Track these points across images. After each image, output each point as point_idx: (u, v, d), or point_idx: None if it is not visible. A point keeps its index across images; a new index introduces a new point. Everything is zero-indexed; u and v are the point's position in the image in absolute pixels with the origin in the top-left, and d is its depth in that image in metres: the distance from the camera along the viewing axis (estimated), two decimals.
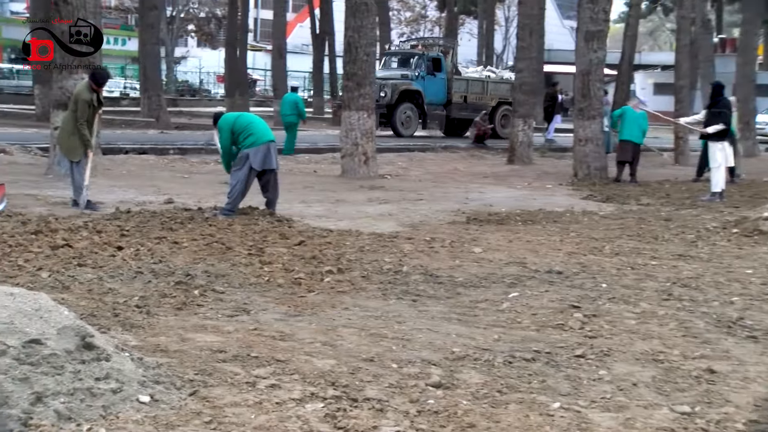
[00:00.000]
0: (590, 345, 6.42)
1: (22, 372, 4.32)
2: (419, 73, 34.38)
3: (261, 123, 12.73)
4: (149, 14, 35.97)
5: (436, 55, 35.59)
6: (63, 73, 16.49)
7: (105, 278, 8.09)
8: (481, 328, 6.96)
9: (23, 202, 13.07)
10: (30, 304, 4.76)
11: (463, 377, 5.57)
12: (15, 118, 35.51)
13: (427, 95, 34.33)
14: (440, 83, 35.06)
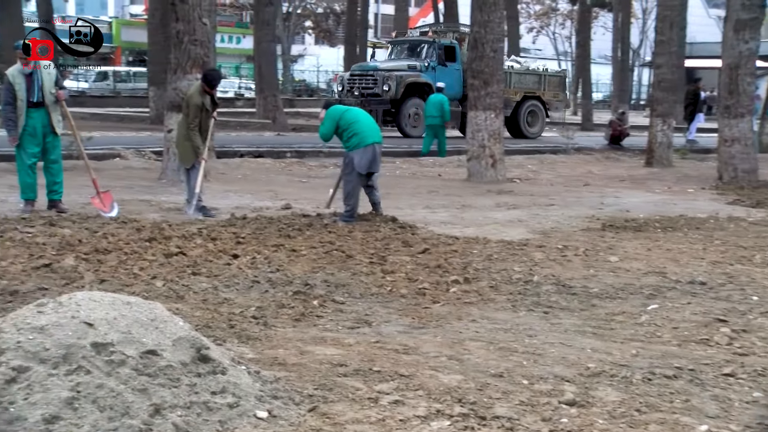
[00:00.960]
0: (740, 363, 6.25)
1: (140, 383, 4.44)
2: (429, 64, 32.16)
3: (368, 122, 12.82)
4: (265, 11, 36.50)
5: (450, 42, 33.02)
6: (177, 73, 16.87)
7: (220, 288, 8.25)
8: (617, 342, 6.86)
9: (137, 207, 13.42)
10: (146, 313, 4.88)
11: (598, 395, 5.49)
12: (130, 121, 36.51)
13: None
14: (454, 75, 32.40)
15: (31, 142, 12.63)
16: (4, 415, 4.18)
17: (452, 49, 32.69)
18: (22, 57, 12.41)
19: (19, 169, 12.73)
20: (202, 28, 16.69)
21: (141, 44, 53.61)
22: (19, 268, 8.71)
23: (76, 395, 4.31)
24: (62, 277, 8.44)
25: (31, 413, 4.19)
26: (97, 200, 12.71)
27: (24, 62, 12.41)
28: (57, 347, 4.49)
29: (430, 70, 31.88)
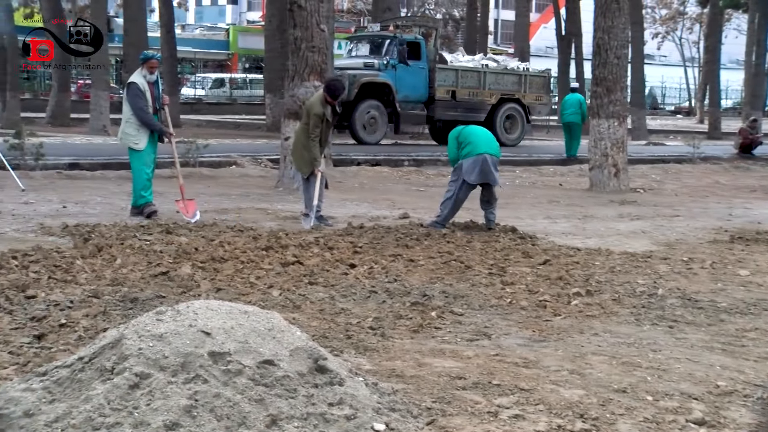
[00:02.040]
0: None
1: (257, 393, 4.49)
2: (389, 62, 29.53)
3: (483, 133, 12.81)
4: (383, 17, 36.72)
5: (414, 38, 30.41)
6: (294, 80, 17.07)
7: (337, 297, 8.31)
8: (750, 360, 6.69)
9: (254, 216, 13.62)
10: (263, 323, 4.94)
11: (730, 415, 5.36)
12: (246, 128, 37.12)
13: (400, 89, 29.52)
14: (418, 74, 30.13)
15: (152, 147, 13.19)
16: (129, 419, 4.28)
17: (417, 45, 30.33)
18: (151, 66, 13.09)
19: (138, 174, 13.07)
20: (320, 34, 16.86)
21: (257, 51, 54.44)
22: (138, 275, 8.91)
23: (194, 403, 4.38)
24: (179, 285, 8.60)
25: (154, 419, 4.27)
26: (181, 204, 13.08)
27: (150, 69, 12.99)
28: (175, 355, 4.57)
29: (389, 69, 29.51)
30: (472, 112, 30.01)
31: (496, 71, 32.22)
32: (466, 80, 31.26)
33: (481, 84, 31.50)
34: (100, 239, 10.77)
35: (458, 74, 31.24)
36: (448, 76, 31.11)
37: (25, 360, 6.10)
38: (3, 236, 11.29)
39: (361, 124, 28.86)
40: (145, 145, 13.05)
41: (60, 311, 7.41)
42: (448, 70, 31.30)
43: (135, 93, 12.96)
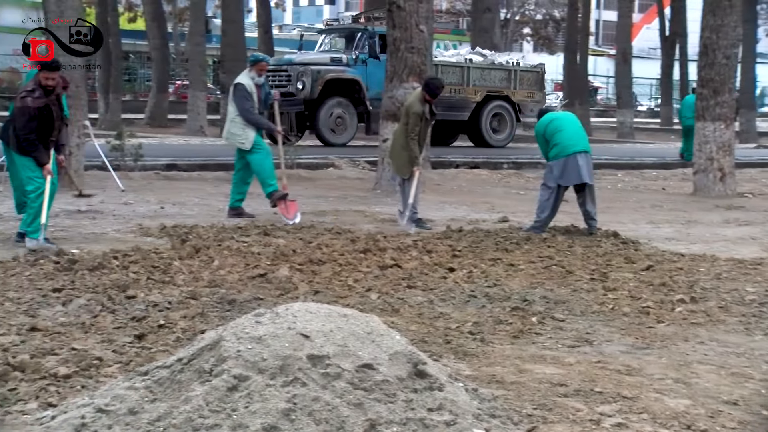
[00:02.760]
0: None
1: (356, 397, 4.51)
2: (358, 56, 27.37)
3: (573, 129, 12.60)
4: (483, 17, 36.60)
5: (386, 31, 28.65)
6: (393, 81, 17.10)
7: (436, 302, 8.30)
8: None
9: (352, 218, 13.68)
10: (362, 326, 4.95)
11: None
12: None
13: (371, 86, 26.85)
14: None
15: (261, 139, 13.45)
16: (227, 421, 4.34)
17: None
18: (260, 69, 13.37)
19: (260, 165, 13.26)
20: (420, 35, 16.87)
21: None
22: (236, 277, 9.02)
23: (292, 407, 4.41)
24: (277, 287, 8.68)
25: (252, 421, 4.32)
26: (282, 205, 13.15)
27: (259, 72, 13.30)
28: (274, 358, 4.61)
29: (359, 64, 27.35)
30: (454, 111, 27.92)
31: (482, 66, 29.65)
32: (446, 76, 28.02)
33: (464, 80, 29.17)
34: (198, 240, 10.93)
35: (438, 70, 27.91)
36: None
37: (127, 359, 6.23)
38: (104, 236, 11.54)
39: (327, 125, 26.98)
40: (253, 140, 13.21)
41: (159, 312, 7.56)
42: None
43: (242, 94, 13.15)
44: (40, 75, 10.60)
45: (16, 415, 4.95)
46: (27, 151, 10.54)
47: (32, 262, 9.35)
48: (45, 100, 10.49)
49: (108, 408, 4.61)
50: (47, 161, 10.59)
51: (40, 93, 10.51)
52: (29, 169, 10.64)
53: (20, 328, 6.90)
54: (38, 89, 10.55)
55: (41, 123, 10.48)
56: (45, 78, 10.53)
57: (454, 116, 27.63)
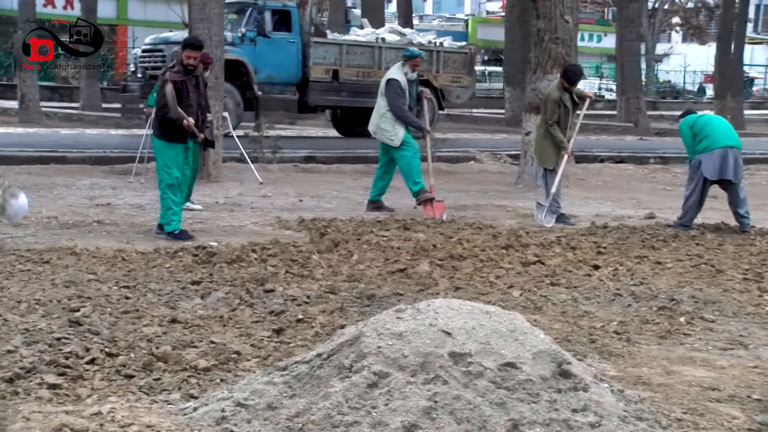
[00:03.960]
0: None
1: (498, 396, 4.49)
2: (245, 34, 24.84)
3: (721, 125, 12.36)
4: (629, 7, 36.07)
5: (283, 5, 25.75)
6: (536, 73, 16.97)
7: (580, 300, 8.21)
8: None
9: (493, 213, 13.63)
10: (505, 324, 4.93)
11: None
12: (486, 123, 37.20)
13: (261, 68, 24.84)
14: (287, 50, 25.45)
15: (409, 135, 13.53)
16: (367, 418, 4.36)
17: (286, 14, 25.72)
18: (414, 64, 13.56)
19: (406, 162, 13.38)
20: (564, 25, 16.70)
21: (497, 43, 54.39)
22: (376, 271, 9.07)
23: (433, 405, 4.41)
24: (417, 282, 8.71)
25: (392, 419, 4.33)
26: (429, 207, 13.11)
27: (412, 67, 13.50)
28: (415, 355, 4.62)
29: (246, 43, 24.83)
30: (363, 97, 24.97)
31: (397, 46, 26.29)
32: (354, 57, 26.52)
33: (375, 62, 26.59)
34: (337, 234, 11.02)
35: (343, 50, 26.47)
36: (328, 53, 26.31)
37: (265, 353, 6.33)
38: (243, 229, 11.74)
39: None
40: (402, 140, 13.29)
41: (297, 306, 7.65)
42: (329, 45, 26.46)
43: (395, 90, 13.23)
44: (183, 53, 10.87)
45: (161, 404, 5.08)
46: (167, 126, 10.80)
47: (172, 254, 9.59)
48: (183, 77, 10.76)
49: (247, 402, 4.69)
50: (191, 122, 10.81)
51: (180, 69, 10.80)
52: (162, 159, 10.91)
53: (162, 319, 7.07)
54: (178, 65, 10.84)
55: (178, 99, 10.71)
56: (187, 56, 10.81)
57: (362, 103, 24.87)
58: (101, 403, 5.06)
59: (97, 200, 13.78)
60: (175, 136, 10.82)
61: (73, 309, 7.20)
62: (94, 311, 7.16)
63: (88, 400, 5.27)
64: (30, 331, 6.51)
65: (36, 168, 16.91)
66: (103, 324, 6.81)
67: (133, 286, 8.17)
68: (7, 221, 8.98)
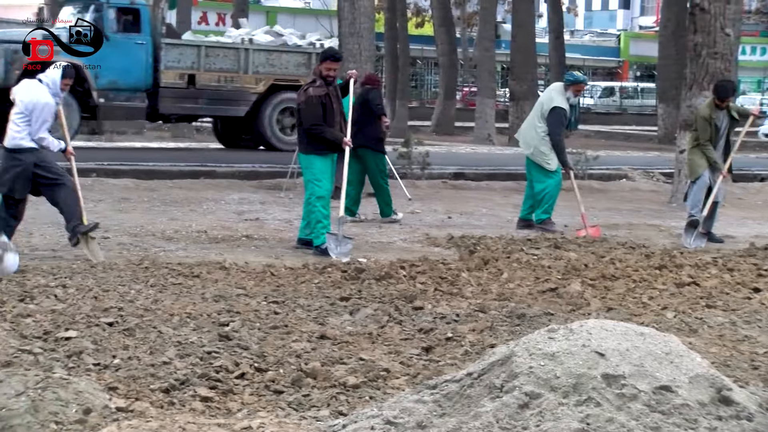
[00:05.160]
0: None
1: (653, 420, 4.42)
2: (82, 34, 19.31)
3: None
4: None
5: (130, 3, 23.26)
6: (692, 89, 16.68)
7: (739, 323, 8.02)
8: None
9: (646, 233, 13.45)
10: (660, 346, 4.85)
11: None
12: (637, 140, 36.75)
13: (102, 73, 22.48)
14: (134, 52, 23.06)
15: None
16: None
17: (134, 12, 23.35)
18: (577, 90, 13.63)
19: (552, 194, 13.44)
20: (724, 39, 16.37)
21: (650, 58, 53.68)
22: (526, 290, 9.05)
23: (585, 427, 4.37)
24: (568, 302, 8.65)
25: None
26: (583, 233, 12.98)
27: (575, 92, 13.51)
28: (567, 376, 4.59)
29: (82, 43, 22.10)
30: (224, 105, 23.78)
31: (268, 49, 24.89)
32: (214, 61, 24.29)
33: (241, 66, 24.45)
34: (486, 252, 11.00)
35: (201, 53, 24.21)
36: (184, 56, 24.05)
37: (414, 371, 6.37)
38: (391, 245, 11.83)
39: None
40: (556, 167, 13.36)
41: (446, 324, 7.67)
42: (185, 46, 24.35)
43: (559, 119, 13.27)
44: (323, 65, 11.06)
45: (310, 420, 5.16)
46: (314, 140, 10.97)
47: (321, 270, 9.72)
48: (326, 90, 10.93)
49: (396, 420, 4.71)
50: (341, 136, 10.99)
51: (321, 83, 10.97)
52: (311, 172, 11.08)
53: (311, 335, 7.19)
54: (319, 79, 11.01)
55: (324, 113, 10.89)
56: (327, 68, 10.98)
57: (224, 111, 24.18)
58: (251, 417, 5.17)
59: (245, 215, 14.09)
60: (323, 148, 11.00)
61: (223, 323, 7.37)
62: (243, 326, 7.31)
63: (238, 414, 5.40)
64: (182, 344, 6.70)
65: (186, 182, 17.36)
66: (252, 339, 6.95)
67: (281, 301, 8.32)
68: None
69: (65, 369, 6.00)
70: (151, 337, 6.87)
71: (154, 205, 14.77)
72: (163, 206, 14.70)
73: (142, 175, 17.60)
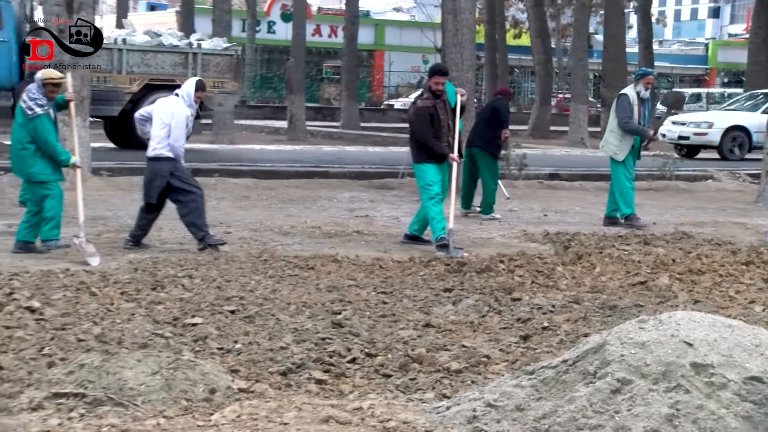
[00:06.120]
0: None
1: (744, 409, 4.33)
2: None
3: None
4: None
5: None
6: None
7: None
8: None
9: (731, 230, 13.15)
10: (749, 338, 4.75)
11: None
12: None
13: None
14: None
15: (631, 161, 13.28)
16: (610, 422, 4.31)
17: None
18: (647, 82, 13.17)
19: (621, 184, 13.22)
20: None
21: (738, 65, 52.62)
22: (617, 284, 8.93)
23: (675, 413, 4.31)
24: (657, 295, 8.51)
25: (635, 424, 4.26)
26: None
27: (645, 85, 13.11)
28: (657, 364, 4.52)
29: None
30: (98, 104, 20.77)
31: (142, 48, 22.90)
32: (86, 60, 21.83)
33: (114, 65, 22.39)
34: (580, 247, 10.89)
35: None
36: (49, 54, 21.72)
37: (513, 358, 6.34)
38: (491, 241, 11.79)
39: None
40: (625, 156, 13.08)
41: (542, 315, 7.61)
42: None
43: (624, 104, 13.04)
44: (431, 80, 11.02)
45: (416, 402, 5.17)
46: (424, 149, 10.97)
47: (426, 263, 9.71)
48: (433, 102, 10.89)
49: (496, 403, 4.70)
50: (447, 151, 10.97)
51: (429, 96, 10.94)
52: (422, 177, 11.07)
53: (416, 323, 7.19)
54: (427, 92, 10.99)
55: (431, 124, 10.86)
56: (435, 83, 10.93)
57: (99, 111, 21.63)
58: (362, 399, 5.20)
59: (356, 212, 14.15)
60: (432, 156, 10.99)
61: (336, 312, 7.41)
62: (354, 314, 7.35)
63: (350, 395, 5.43)
64: (298, 331, 6.76)
65: (301, 182, 17.48)
66: (362, 326, 6.98)
67: (389, 291, 8.34)
68: None
69: (192, 352, 6.10)
70: (269, 324, 6.94)
71: (272, 203, 14.90)
72: (280, 204, 14.82)
73: (261, 175, 17.75)
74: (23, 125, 9.78)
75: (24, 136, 9.79)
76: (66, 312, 7.06)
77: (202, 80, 11.01)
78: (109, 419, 4.67)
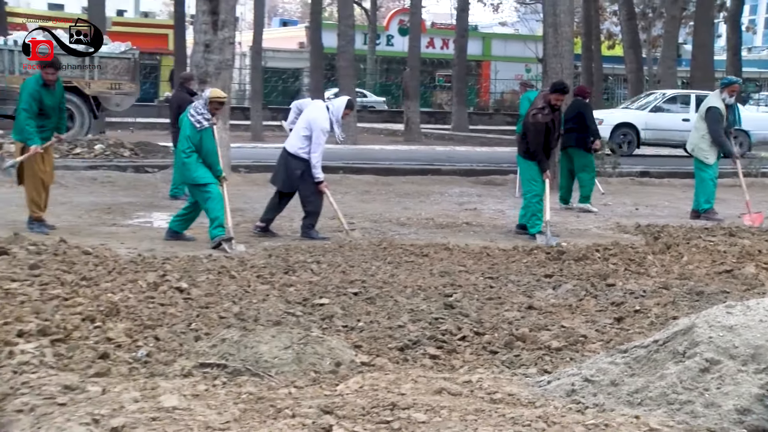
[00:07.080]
0: None
1: None
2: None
3: None
4: None
5: None
6: None
7: None
8: None
9: None
10: None
11: None
12: None
13: None
14: None
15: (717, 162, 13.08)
16: (700, 399, 4.20)
17: None
18: (732, 90, 12.88)
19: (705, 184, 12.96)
20: None
21: None
22: (703, 272, 8.69)
23: (765, 393, 4.17)
24: (743, 282, 8.26)
25: (724, 402, 4.15)
26: (747, 217, 12.45)
27: (731, 93, 12.85)
28: (745, 346, 4.39)
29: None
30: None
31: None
32: None
33: (6, 66, 21.27)
34: (669, 238, 10.65)
35: None
36: None
37: (608, 338, 6.24)
38: (587, 232, 11.62)
39: None
40: (715, 161, 12.80)
41: (635, 299, 7.46)
42: None
43: (715, 117, 12.76)
44: (552, 96, 10.90)
45: (520, 377, 5.13)
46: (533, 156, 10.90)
47: (528, 252, 9.62)
48: (551, 116, 10.83)
49: (593, 378, 4.63)
50: (547, 167, 10.90)
51: (549, 110, 10.85)
52: (528, 173, 11.01)
53: (520, 306, 7.13)
54: (547, 107, 10.88)
55: (545, 136, 10.83)
56: (555, 99, 10.86)
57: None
58: (471, 373, 5.17)
59: (465, 205, 14.10)
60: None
61: (447, 294, 7.39)
62: (464, 297, 7.31)
63: (460, 370, 5.42)
64: (414, 311, 6.76)
65: (416, 178, 17.49)
66: (471, 308, 6.95)
67: (495, 277, 8.28)
68: None
69: (320, 329, 6.14)
70: (388, 305, 6.96)
71: (390, 197, 14.95)
72: (397, 198, 14.85)
73: (381, 172, 17.82)
74: (191, 137, 9.70)
75: (189, 146, 9.71)
76: (209, 292, 7.19)
77: (352, 100, 11.04)
78: (247, 388, 4.73)
